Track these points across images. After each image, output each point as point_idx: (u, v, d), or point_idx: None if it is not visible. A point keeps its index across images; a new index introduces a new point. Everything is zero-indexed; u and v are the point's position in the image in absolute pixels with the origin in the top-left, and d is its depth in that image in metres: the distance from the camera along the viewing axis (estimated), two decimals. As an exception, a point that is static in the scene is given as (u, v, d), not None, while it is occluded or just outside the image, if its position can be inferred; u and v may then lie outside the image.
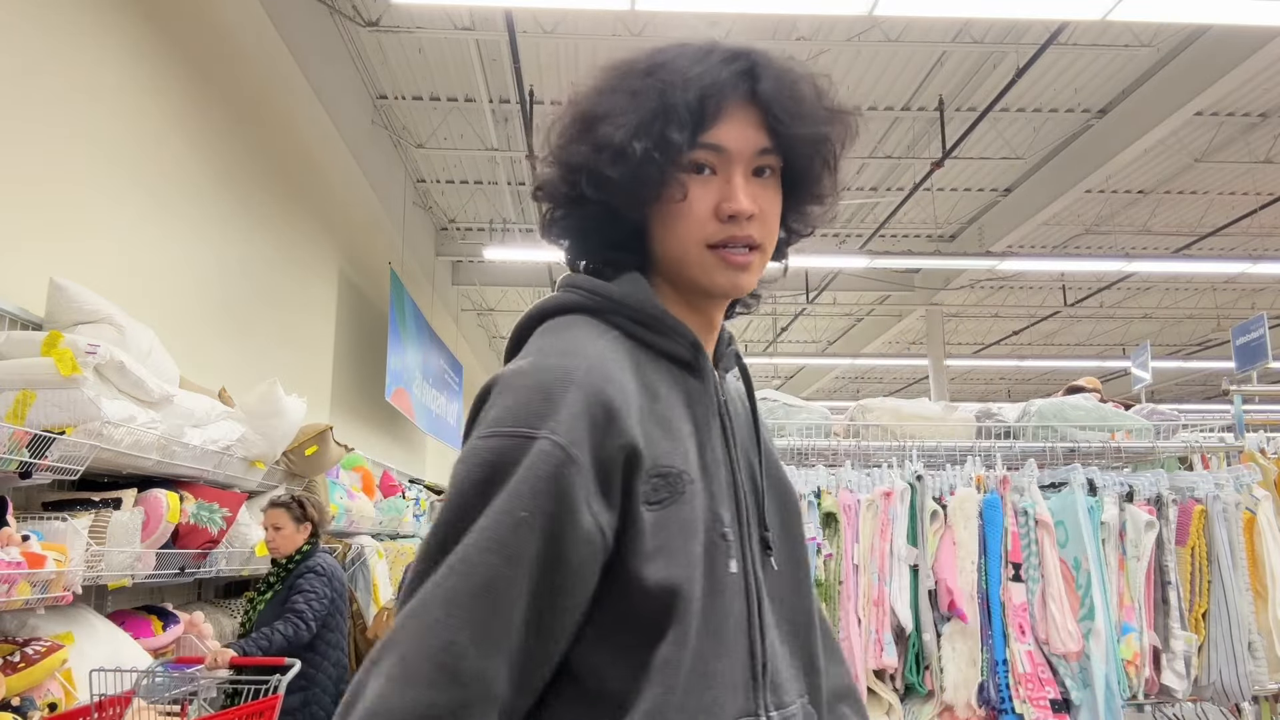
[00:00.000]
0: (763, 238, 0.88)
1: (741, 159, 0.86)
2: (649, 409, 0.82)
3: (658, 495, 0.78)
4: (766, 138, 0.87)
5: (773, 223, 0.89)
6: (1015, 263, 9.11)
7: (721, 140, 0.85)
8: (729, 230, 0.85)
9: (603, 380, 0.78)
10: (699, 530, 0.80)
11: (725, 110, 0.86)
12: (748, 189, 0.86)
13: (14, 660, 2.25)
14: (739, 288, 0.88)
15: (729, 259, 0.86)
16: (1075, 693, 2.69)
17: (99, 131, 3.41)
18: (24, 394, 2.35)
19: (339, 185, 6.58)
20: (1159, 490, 2.97)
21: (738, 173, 0.86)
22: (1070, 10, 4.67)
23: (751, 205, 0.85)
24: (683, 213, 0.86)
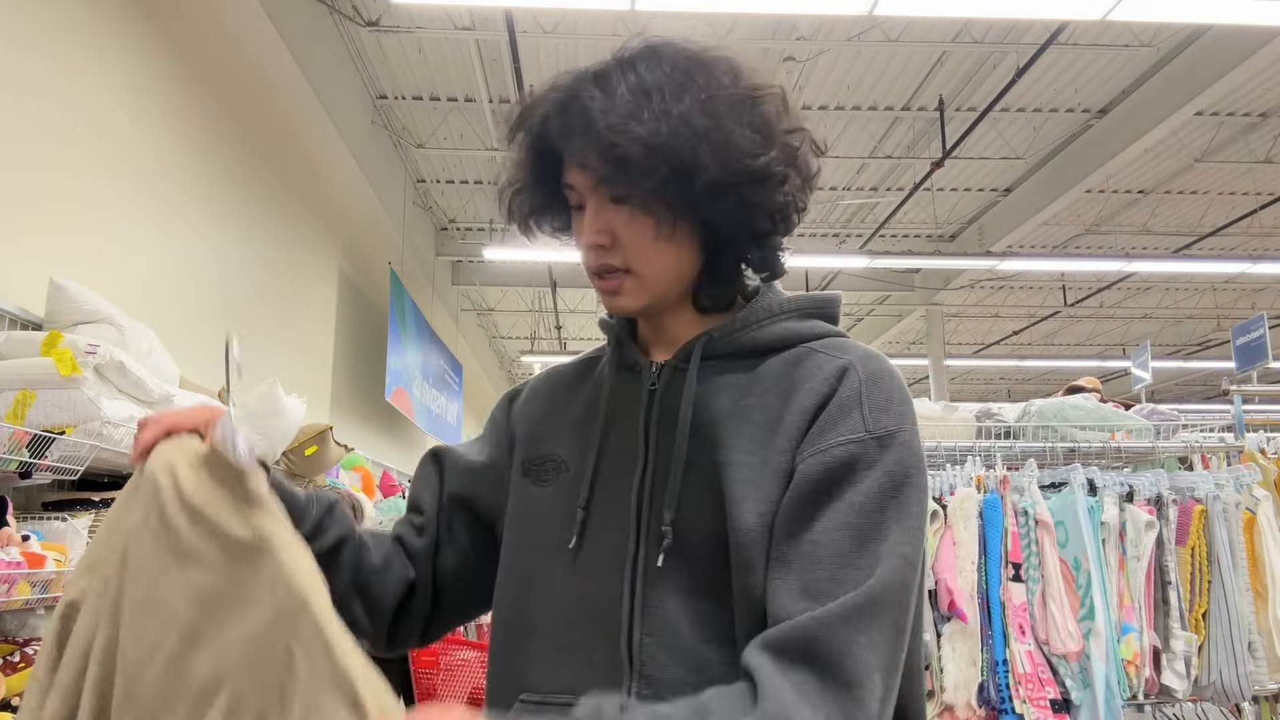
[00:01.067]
0: (628, 262, 0.89)
1: (588, 193, 0.89)
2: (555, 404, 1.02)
3: (542, 476, 0.96)
4: (602, 168, 0.85)
5: (640, 244, 0.88)
6: (1015, 263, 9.11)
7: (569, 180, 0.90)
8: (592, 260, 0.91)
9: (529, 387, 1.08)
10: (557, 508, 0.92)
11: (568, 151, 0.89)
12: (598, 220, 0.88)
13: (14, 660, 2.25)
14: (615, 309, 0.94)
15: (598, 285, 0.92)
16: (1075, 693, 2.69)
17: (99, 131, 3.41)
18: (24, 394, 2.35)
19: (339, 185, 6.58)
20: (1159, 490, 2.96)
21: (589, 207, 0.89)
22: (1070, 10, 4.67)
23: (595, 236, 0.89)
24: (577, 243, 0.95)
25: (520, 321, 14.12)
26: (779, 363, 0.91)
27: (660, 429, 0.90)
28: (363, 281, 7.23)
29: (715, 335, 0.93)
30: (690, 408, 0.89)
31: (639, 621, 0.84)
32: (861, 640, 0.72)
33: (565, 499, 0.92)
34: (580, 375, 1.04)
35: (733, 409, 0.89)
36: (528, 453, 0.99)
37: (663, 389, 0.93)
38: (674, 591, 0.84)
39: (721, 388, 0.91)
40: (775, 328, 0.93)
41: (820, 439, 0.83)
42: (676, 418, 0.90)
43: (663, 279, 0.91)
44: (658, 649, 0.83)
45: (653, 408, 0.92)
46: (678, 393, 0.91)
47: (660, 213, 0.87)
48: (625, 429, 0.92)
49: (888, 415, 0.83)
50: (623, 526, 0.88)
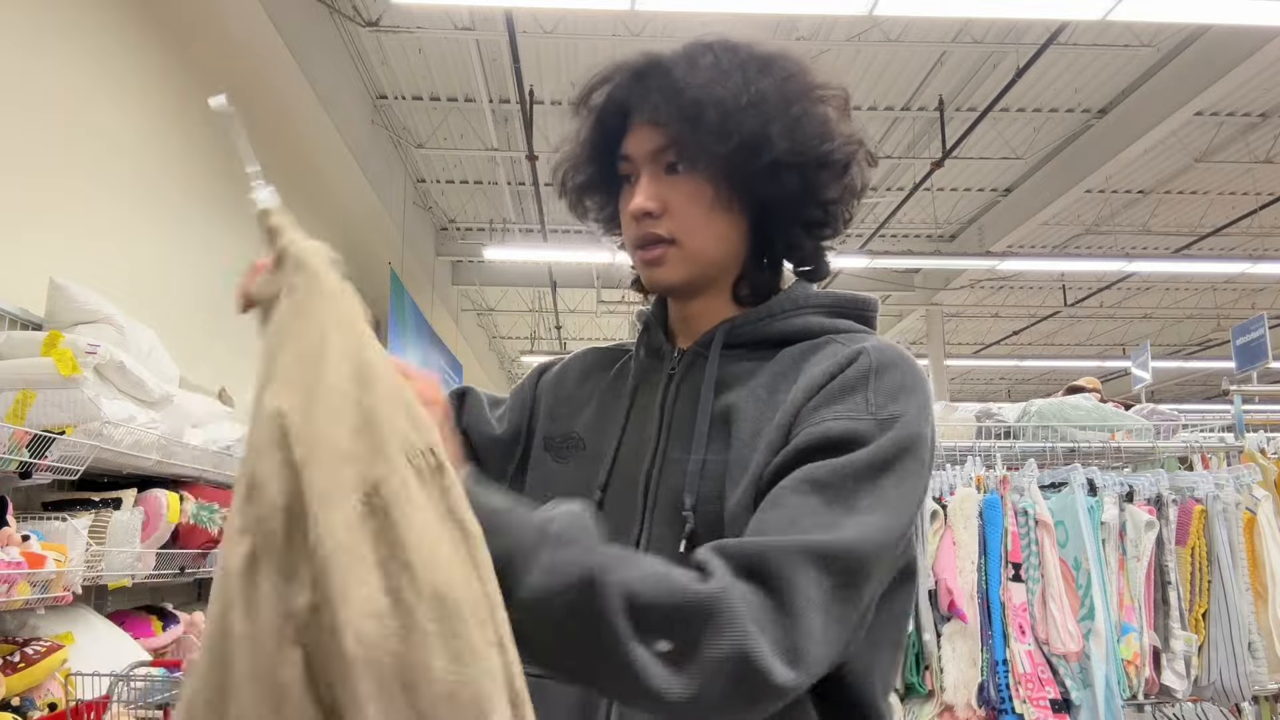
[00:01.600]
0: (674, 231, 0.89)
1: (644, 161, 0.91)
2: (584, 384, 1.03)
3: (563, 452, 0.99)
4: (663, 135, 0.89)
5: (689, 215, 0.89)
6: (1015, 263, 9.11)
7: (626, 149, 0.92)
8: (636, 229, 0.91)
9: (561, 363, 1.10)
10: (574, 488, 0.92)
11: (630, 122, 0.92)
12: (650, 188, 0.89)
13: (14, 660, 2.25)
14: (656, 281, 0.93)
15: (640, 256, 0.92)
16: (1075, 693, 2.69)
17: (99, 131, 3.41)
18: (24, 394, 2.35)
19: (339, 185, 6.58)
20: (1159, 490, 2.97)
21: (643, 175, 0.91)
22: (1070, 10, 4.67)
23: (646, 202, 0.89)
24: (621, 218, 0.95)
25: (520, 321, 14.12)
26: (795, 350, 0.89)
27: (675, 414, 0.91)
28: (363, 281, 7.19)
29: (738, 322, 0.93)
30: (711, 393, 0.89)
31: None
32: (811, 576, 0.68)
33: (581, 478, 0.94)
34: (613, 359, 1.05)
35: (746, 395, 0.88)
36: (550, 428, 1.01)
37: (681, 374, 0.93)
38: None
39: (739, 375, 0.90)
40: (799, 320, 0.91)
41: (817, 413, 0.80)
42: (692, 404, 0.90)
43: (706, 253, 0.91)
44: None
45: (669, 392, 0.93)
46: (696, 379, 0.92)
47: (718, 183, 0.89)
48: (646, 413, 0.94)
49: (895, 402, 0.80)
50: (631, 509, 0.89)
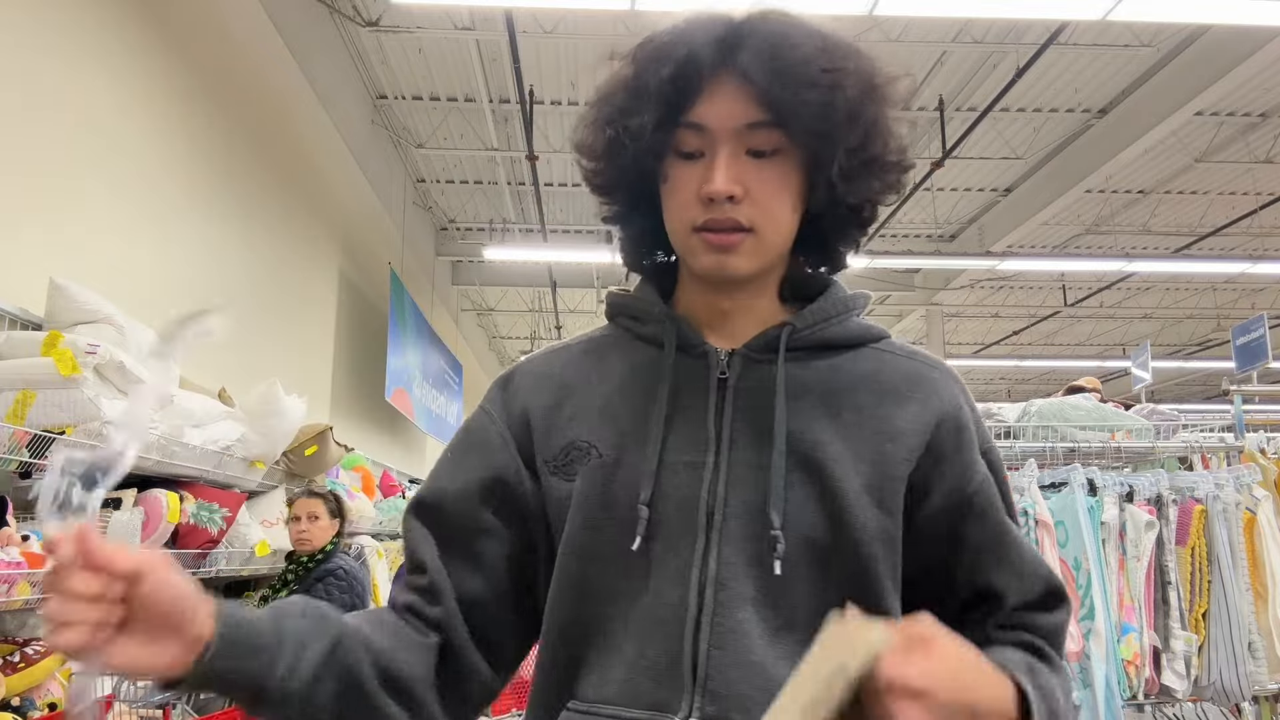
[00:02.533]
0: (754, 220, 0.81)
1: (726, 136, 0.80)
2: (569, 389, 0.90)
3: (570, 468, 0.86)
4: (758, 110, 0.79)
5: (772, 205, 0.81)
6: (1015, 263, 9.11)
7: (701, 118, 0.80)
8: (709, 212, 0.81)
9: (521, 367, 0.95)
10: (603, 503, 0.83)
11: (707, 85, 0.80)
12: (732, 169, 0.79)
13: (14, 660, 2.25)
14: (724, 269, 0.83)
15: (709, 240, 0.81)
16: (1075, 693, 2.69)
17: (99, 131, 3.41)
18: (24, 394, 2.35)
19: (339, 185, 6.58)
20: (1159, 490, 2.96)
21: (722, 152, 0.80)
22: (1070, 10, 4.67)
23: (730, 185, 0.79)
24: (671, 197, 0.84)
25: (520, 321, 14.12)
26: (858, 363, 0.87)
27: (736, 424, 0.83)
28: (363, 281, 7.23)
29: (799, 326, 0.86)
30: (785, 405, 0.82)
31: (705, 632, 0.77)
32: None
33: (605, 492, 0.83)
34: (595, 355, 0.92)
35: (823, 409, 0.84)
36: (548, 448, 0.88)
37: (735, 379, 0.85)
38: (746, 601, 0.78)
39: (804, 385, 0.85)
40: (851, 324, 0.89)
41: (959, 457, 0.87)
42: (756, 414, 0.83)
43: (778, 246, 0.84)
44: (725, 662, 0.77)
45: (725, 400, 0.84)
46: (758, 386, 0.84)
47: (801, 177, 0.82)
48: (685, 420, 0.84)
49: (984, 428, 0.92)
50: (688, 527, 0.81)
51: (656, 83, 0.80)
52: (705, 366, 0.86)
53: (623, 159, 0.83)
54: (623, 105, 0.82)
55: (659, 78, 0.79)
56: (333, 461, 4.45)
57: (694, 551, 0.80)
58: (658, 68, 0.80)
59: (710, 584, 0.79)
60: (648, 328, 0.90)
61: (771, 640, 0.78)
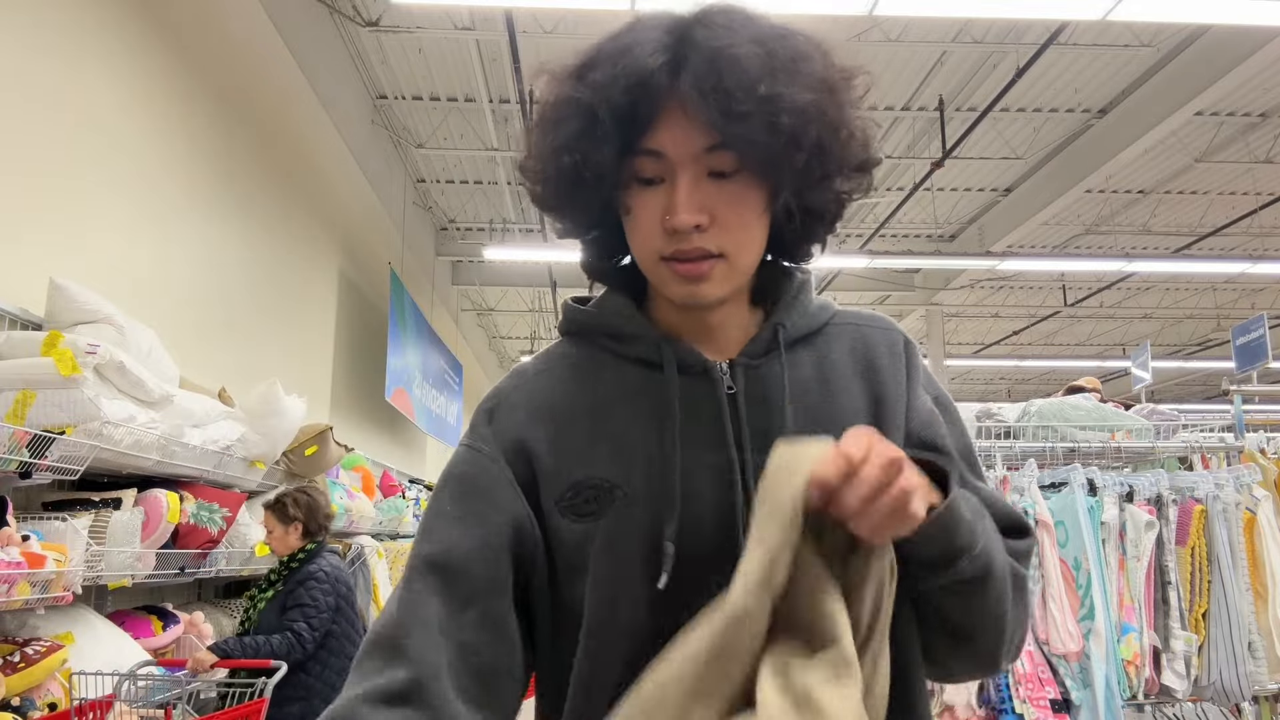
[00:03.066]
0: (722, 246, 0.78)
1: (686, 163, 0.77)
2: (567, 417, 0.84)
3: (585, 507, 0.81)
4: (715, 133, 0.76)
5: (739, 228, 0.79)
6: (1015, 263, 9.11)
7: (660, 144, 0.78)
8: (675, 243, 0.78)
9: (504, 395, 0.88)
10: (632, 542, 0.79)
11: (661, 109, 0.77)
12: (695, 196, 0.77)
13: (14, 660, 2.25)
14: (695, 298, 0.81)
15: (678, 270, 0.79)
16: (1075, 693, 2.69)
17: (99, 131, 3.41)
18: (24, 394, 2.35)
19: (339, 185, 6.58)
20: (1159, 490, 2.96)
21: (683, 179, 0.77)
22: (1070, 10, 4.67)
23: (694, 215, 0.76)
24: (634, 227, 0.82)
25: (520, 321, 14.12)
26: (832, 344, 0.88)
27: (753, 438, 0.80)
28: (363, 281, 7.23)
29: (788, 325, 0.86)
30: (791, 411, 0.81)
31: None
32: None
33: (631, 530, 0.79)
34: (582, 379, 0.87)
35: (823, 400, 0.84)
36: (555, 486, 0.82)
37: (742, 392, 0.83)
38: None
39: (800, 381, 0.84)
40: (814, 308, 0.90)
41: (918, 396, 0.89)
42: (766, 419, 0.81)
43: (749, 266, 0.83)
44: None
45: (738, 415, 0.82)
46: (762, 391, 0.83)
47: (766, 192, 0.80)
48: (700, 442, 0.81)
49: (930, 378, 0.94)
50: (718, 557, 0.75)
51: (610, 110, 0.76)
52: (709, 383, 0.83)
53: (581, 188, 0.80)
54: (577, 133, 0.78)
55: (612, 104, 0.76)
56: (333, 461, 4.46)
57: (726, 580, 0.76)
58: (608, 92, 0.76)
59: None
60: (636, 348, 0.86)
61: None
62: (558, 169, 0.80)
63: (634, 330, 0.86)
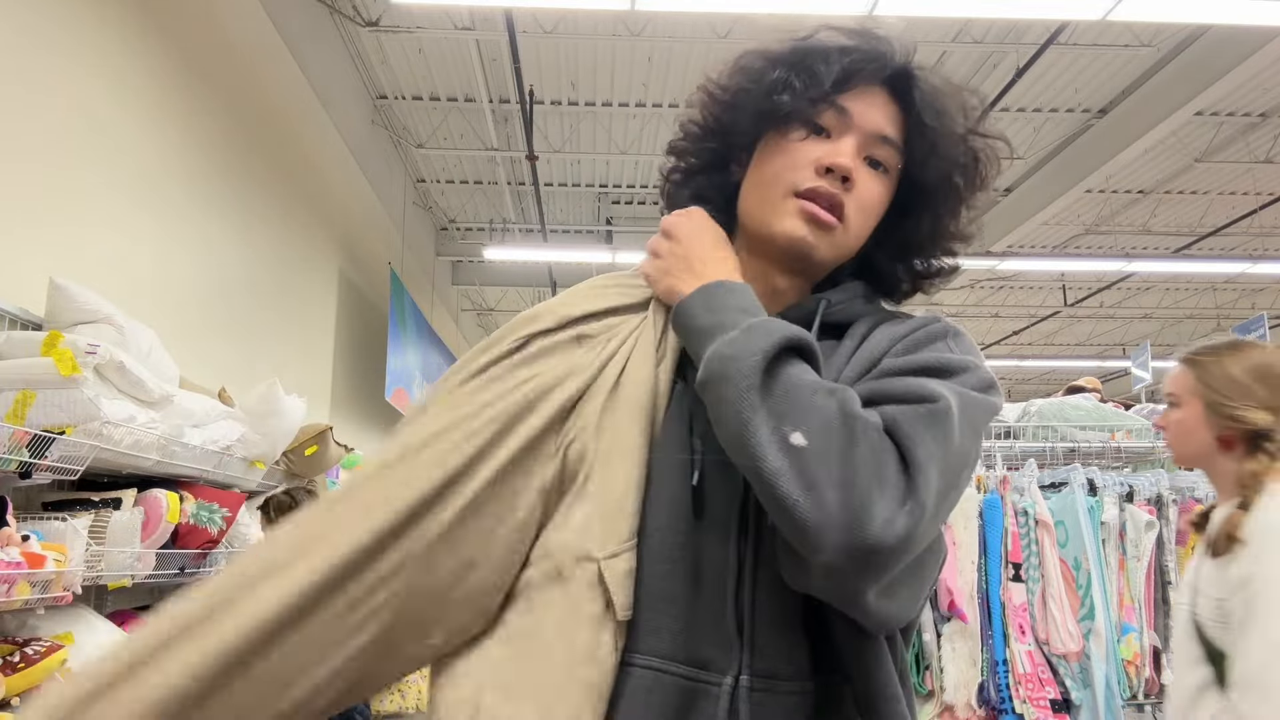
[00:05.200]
0: (850, 210, 0.84)
1: (861, 133, 0.85)
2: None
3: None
4: (896, 129, 0.86)
5: (867, 209, 0.85)
6: (1015, 263, 9.11)
7: (849, 104, 0.84)
8: (819, 181, 0.83)
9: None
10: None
11: (868, 87, 0.86)
12: (855, 159, 0.84)
13: (14, 660, 2.25)
14: (805, 240, 0.83)
15: (804, 207, 0.83)
16: (1075, 693, 2.69)
17: (99, 131, 3.41)
18: (24, 394, 2.35)
19: (339, 185, 6.58)
20: (1159, 490, 2.97)
21: (852, 139, 0.84)
22: (1070, 10, 4.67)
23: (852, 164, 0.83)
24: (783, 152, 0.85)
25: (520, 321, 14.10)
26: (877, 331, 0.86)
27: None
28: (363, 281, 7.23)
29: (834, 300, 0.87)
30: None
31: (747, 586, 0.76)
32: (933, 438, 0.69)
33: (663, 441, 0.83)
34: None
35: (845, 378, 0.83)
36: None
37: None
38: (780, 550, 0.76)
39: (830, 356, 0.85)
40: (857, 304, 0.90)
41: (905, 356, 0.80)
42: None
43: (849, 250, 0.88)
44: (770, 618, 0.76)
45: None
46: None
47: (891, 203, 0.88)
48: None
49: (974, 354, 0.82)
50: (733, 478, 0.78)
51: (839, 56, 0.84)
52: None
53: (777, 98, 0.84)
54: (798, 59, 0.85)
55: (840, 56, 0.84)
56: (333, 461, 4.46)
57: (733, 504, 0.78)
58: (840, 50, 0.85)
59: (750, 537, 0.77)
60: None
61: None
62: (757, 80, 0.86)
63: None
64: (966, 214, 0.90)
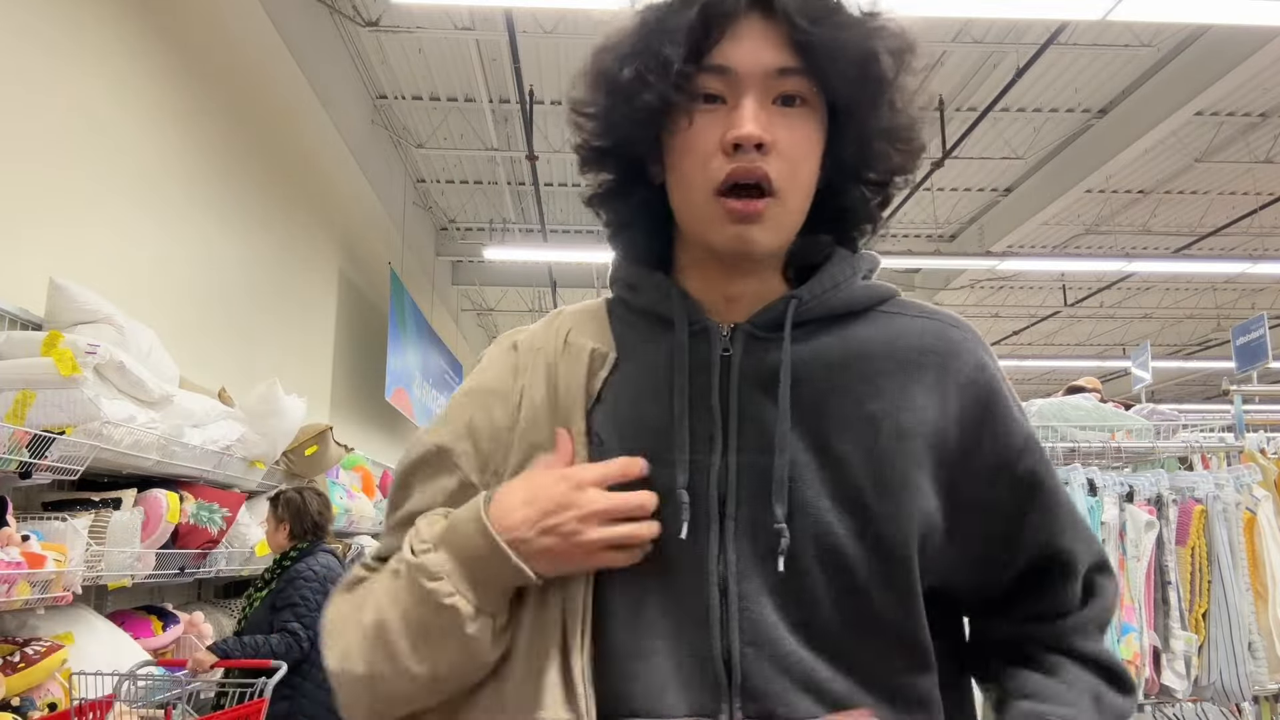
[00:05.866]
0: (779, 178, 0.74)
1: (754, 81, 0.74)
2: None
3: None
4: (790, 55, 0.74)
5: (798, 162, 0.75)
6: (1015, 263, 9.10)
7: (728, 60, 0.74)
8: (734, 162, 0.73)
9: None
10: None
11: (735, 25, 0.74)
12: (761, 116, 0.73)
13: (14, 660, 2.25)
14: (744, 242, 0.75)
15: (730, 207, 0.74)
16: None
17: (99, 131, 3.41)
18: (24, 394, 2.35)
19: (339, 185, 6.58)
20: (1159, 490, 2.96)
21: (749, 96, 0.73)
22: (1070, 10, 4.67)
23: (760, 132, 0.72)
24: (687, 148, 0.76)
25: (520, 321, 13.96)
26: (868, 331, 0.80)
27: (742, 406, 0.76)
28: (363, 281, 7.23)
29: (805, 297, 0.79)
30: (789, 384, 0.75)
31: (734, 628, 0.72)
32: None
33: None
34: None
35: (833, 389, 0.77)
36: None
37: (739, 357, 0.78)
38: (766, 593, 0.73)
39: (812, 363, 0.78)
40: (856, 287, 0.82)
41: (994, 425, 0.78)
42: (760, 394, 0.76)
43: (799, 214, 0.78)
44: (759, 659, 0.72)
45: (729, 380, 0.77)
46: (762, 364, 0.77)
47: (824, 132, 0.77)
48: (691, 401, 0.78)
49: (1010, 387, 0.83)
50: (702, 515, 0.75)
51: (682, 20, 0.74)
52: (706, 344, 0.79)
53: (639, 101, 0.75)
54: (642, 43, 0.75)
55: (685, 14, 0.74)
56: (333, 461, 4.46)
57: (709, 545, 0.74)
58: (683, 6, 0.74)
59: (732, 578, 0.73)
60: (644, 298, 0.83)
61: (794, 632, 0.73)
62: (612, 90, 0.77)
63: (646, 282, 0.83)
64: (903, 99, 0.79)
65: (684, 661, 0.73)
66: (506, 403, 0.83)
